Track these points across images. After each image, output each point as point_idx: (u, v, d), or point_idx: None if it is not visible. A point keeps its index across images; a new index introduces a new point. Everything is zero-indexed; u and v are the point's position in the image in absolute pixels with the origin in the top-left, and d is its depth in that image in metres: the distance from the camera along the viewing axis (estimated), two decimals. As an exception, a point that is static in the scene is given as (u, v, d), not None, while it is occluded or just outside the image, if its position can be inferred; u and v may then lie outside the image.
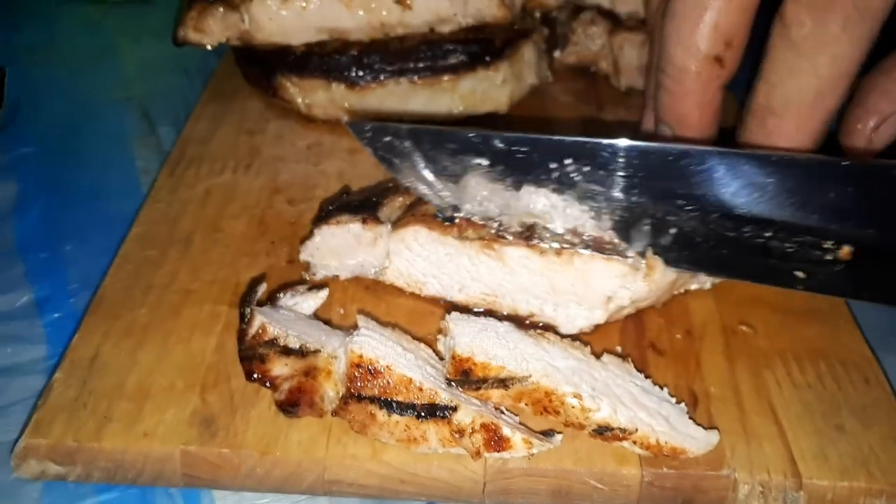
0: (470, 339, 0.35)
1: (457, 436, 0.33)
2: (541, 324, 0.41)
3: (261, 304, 0.39)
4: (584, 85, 0.65)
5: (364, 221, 0.41)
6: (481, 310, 0.41)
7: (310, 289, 0.41)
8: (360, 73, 0.54)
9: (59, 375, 0.38)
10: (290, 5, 0.52)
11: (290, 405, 0.35)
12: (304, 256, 0.43)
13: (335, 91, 0.55)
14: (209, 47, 0.55)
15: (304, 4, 0.52)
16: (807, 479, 0.35)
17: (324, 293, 0.41)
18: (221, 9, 0.53)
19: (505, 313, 0.41)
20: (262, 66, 0.57)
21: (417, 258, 0.41)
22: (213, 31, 0.54)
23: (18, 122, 0.62)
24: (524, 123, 0.58)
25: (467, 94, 0.56)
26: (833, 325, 0.43)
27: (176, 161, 0.54)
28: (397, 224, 0.41)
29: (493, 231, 0.39)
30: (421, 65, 0.54)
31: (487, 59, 0.55)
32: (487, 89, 0.56)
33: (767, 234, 0.36)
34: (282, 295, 0.40)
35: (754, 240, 0.36)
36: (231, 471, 0.35)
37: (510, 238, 0.39)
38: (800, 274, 0.37)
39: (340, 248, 0.42)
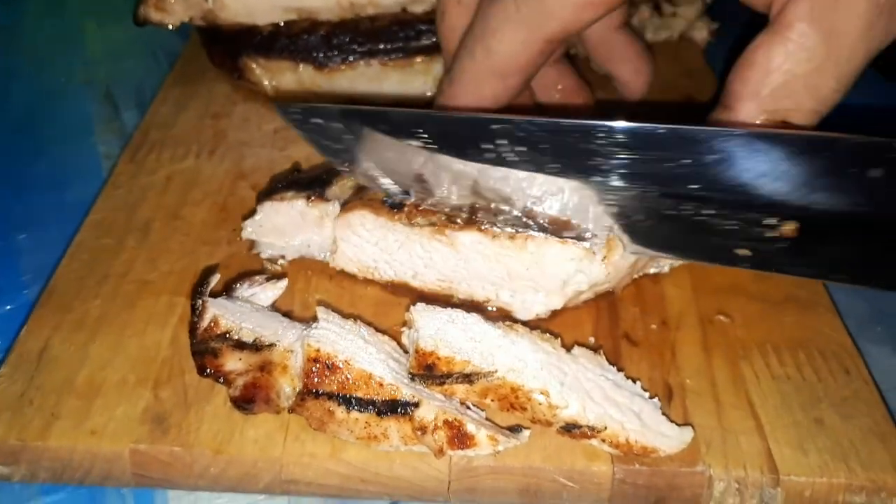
0: (434, 331, 0.34)
1: (419, 433, 0.32)
2: (495, 309, 0.39)
3: (216, 294, 0.37)
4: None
5: (309, 198, 0.40)
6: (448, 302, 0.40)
7: (268, 279, 0.39)
8: (329, 54, 0.53)
9: (5, 370, 0.37)
10: (254, -17, 0.50)
11: (245, 402, 0.33)
12: (246, 234, 0.42)
13: (303, 73, 0.53)
14: (171, 27, 0.53)
15: (270, -19, 0.50)
16: (784, 475, 0.34)
17: (282, 283, 0.39)
18: (183, -13, 0.51)
19: (460, 299, 0.39)
20: (228, 46, 0.55)
21: (366, 244, 0.39)
22: (175, 10, 0.52)
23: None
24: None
25: (440, 76, 0.54)
26: (813, 314, 0.42)
27: (137, 146, 0.52)
28: (344, 208, 0.39)
29: (443, 217, 0.38)
30: (393, 45, 0.52)
31: (461, 39, 0.53)
32: (461, 71, 0.54)
33: (707, 212, 0.35)
34: (238, 285, 0.38)
35: (693, 218, 0.35)
36: (184, 470, 0.34)
37: (461, 223, 0.37)
38: (744, 252, 0.36)
39: (285, 226, 0.41)
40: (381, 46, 0.52)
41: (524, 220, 0.37)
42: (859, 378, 0.39)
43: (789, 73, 0.38)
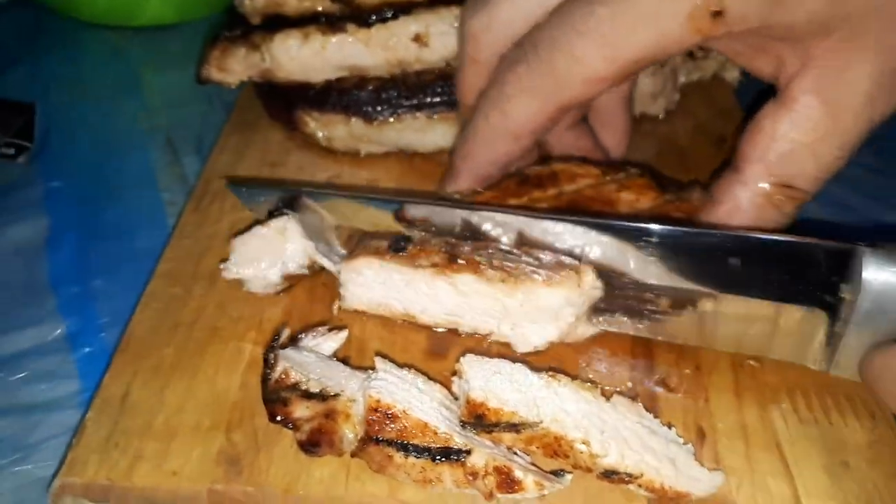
0: (483, 382, 0.37)
1: (470, 478, 0.35)
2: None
3: (284, 346, 0.41)
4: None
5: (264, 221, 0.45)
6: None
7: (330, 329, 0.43)
8: (379, 109, 0.56)
9: (91, 415, 0.40)
10: (310, 45, 0.53)
11: (312, 445, 0.36)
12: (229, 274, 0.45)
13: (354, 125, 0.57)
14: (232, 86, 0.57)
15: (323, 44, 0.53)
16: (811, 516, 0.36)
17: (343, 334, 0.43)
18: (244, 49, 0.55)
19: (466, 332, 0.43)
20: (283, 100, 0.58)
21: (374, 284, 0.43)
22: (235, 70, 0.56)
23: (47, 155, 0.64)
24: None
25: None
26: (840, 359, 0.44)
27: (200, 195, 0.56)
28: (350, 256, 0.43)
29: (444, 254, 0.41)
30: (438, 99, 0.55)
31: (501, 92, 0.56)
32: (501, 122, 0.57)
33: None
34: (303, 336, 0.42)
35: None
36: (258, 507, 0.37)
37: (462, 262, 0.41)
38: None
39: (256, 254, 0.45)
40: (427, 100, 0.56)
41: (522, 258, 0.41)
42: (884, 422, 0.41)
43: (795, 142, 0.40)
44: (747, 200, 0.42)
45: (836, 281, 0.38)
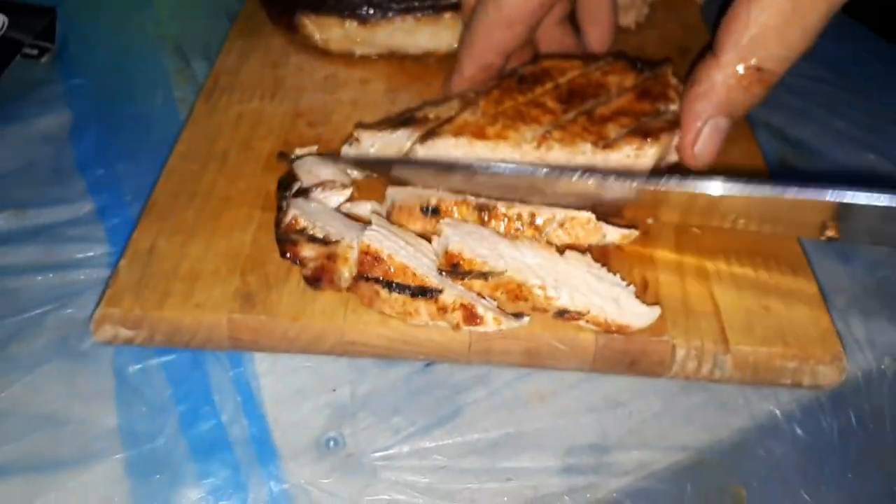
0: (460, 238, 0.43)
1: (441, 312, 0.42)
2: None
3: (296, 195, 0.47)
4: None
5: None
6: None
7: (338, 186, 0.49)
8: (371, 11, 0.61)
9: (124, 262, 0.47)
10: (308, -49, 0.58)
11: (315, 280, 0.43)
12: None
13: (348, 27, 0.62)
14: (238, -12, 0.62)
15: (321, -48, 0.58)
16: (733, 345, 0.43)
17: (347, 191, 0.49)
18: (247, -46, 0.60)
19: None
20: (283, 5, 0.64)
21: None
22: (240, -25, 0.61)
23: (67, 57, 0.69)
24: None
25: (467, 31, 0.62)
26: (772, 230, 0.51)
27: (210, 90, 0.61)
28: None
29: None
30: (425, 3, 0.61)
31: (484, -1, 0.61)
32: (484, 26, 0.63)
33: None
34: (314, 189, 0.48)
35: None
36: (268, 334, 0.44)
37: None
38: None
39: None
40: (415, 3, 0.61)
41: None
42: (804, 278, 0.48)
43: (764, 27, 0.46)
44: (721, 82, 0.48)
45: None
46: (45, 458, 0.41)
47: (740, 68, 0.47)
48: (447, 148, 0.47)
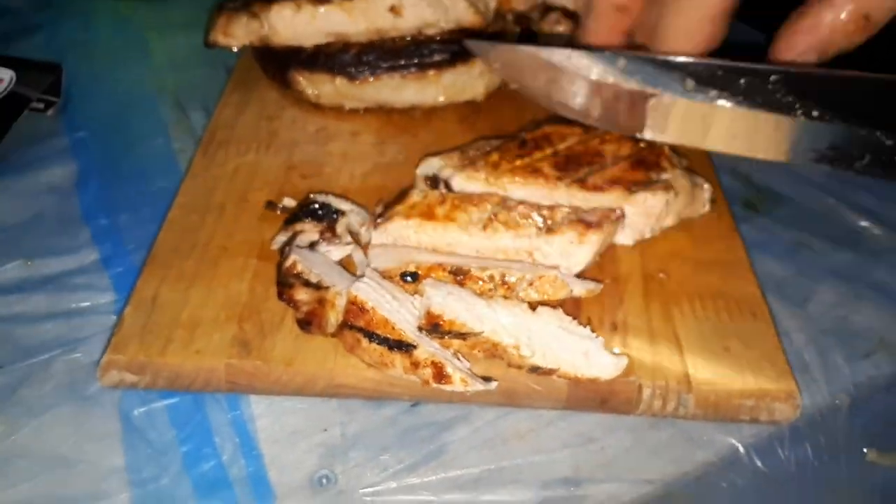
0: (442, 300, 0.46)
1: (414, 367, 0.45)
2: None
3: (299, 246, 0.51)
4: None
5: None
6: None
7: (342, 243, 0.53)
8: (360, 69, 0.65)
9: (129, 310, 0.50)
10: (301, 15, 0.63)
11: (305, 323, 0.47)
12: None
13: (339, 84, 0.66)
14: (235, 49, 0.66)
15: (313, 14, 0.63)
16: (695, 385, 0.47)
17: (349, 248, 0.53)
18: (245, 17, 0.64)
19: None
20: (278, 62, 0.68)
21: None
22: (238, 35, 0.65)
23: (71, 109, 0.73)
24: (497, 109, 0.69)
25: (449, 86, 0.67)
26: (733, 273, 0.55)
27: (208, 143, 0.65)
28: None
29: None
30: (410, 62, 0.65)
31: (465, 56, 0.66)
32: (466, 81, 0.67)
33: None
34: (320, 242, 0.52)
35: None
36: (263, 378, 0.47)
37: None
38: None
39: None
40: (401, 62, 0.65)
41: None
42: (763, 321, 0.51)
43: None
44: (828, 23, 0.49)
45: None
46: (55, 497, 0.44)
47: (850, 13, 0.49)
48: (399, 230, 0.51)
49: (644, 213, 0.54)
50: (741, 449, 0.49)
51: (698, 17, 0.48)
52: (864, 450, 0.54)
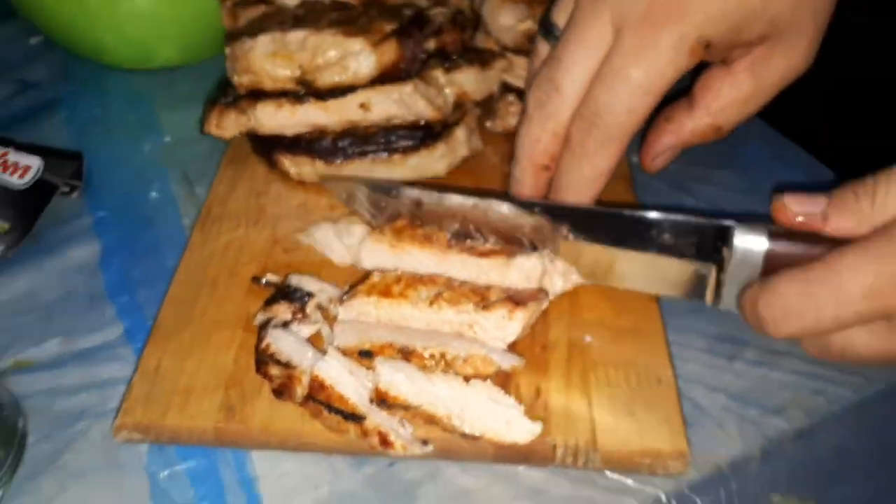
0: (389, 377, 0.55)
1: (364, 434, 0.54)
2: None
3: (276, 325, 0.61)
4: (510, 148, 0.84)
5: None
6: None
7: (311, 322, 0.63)
8: (335, 154, 0.75)
9: (136, 380, 0.60)
10: (283, 112, 0.72)
11: (279, 393, 0.57)
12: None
13: (318, 165, 0.76)
14: (226, 139, 0.76)
15: (293, 111, 0.73)
16: (601, 445, 0.56)
17: (317, 327, 0.63)
18: (234, 113, 0.74)
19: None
20: (265, 145, 0.78)
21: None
22: (228, 127, 0.75)
23: (92, 190, 0.82)
24: (457, 180, 0.79)
25: (414, 167, 0.76)
26: (648, 342, 0.63)
27: (204, 218, 0.75)
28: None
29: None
30: (378, 148, 0.75)
31: (428, 142, 0.75)
32: (429, 163, 0.76)
33: None
34: (293, 322, 0.62)
35: None
36: (245, 438, 0.57)
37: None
38: None
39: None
40: (371, 148, 0.75)
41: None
42: (667, 387, 0.60)
43: (730, 99, 0.64)
44: (689, 128, 0.66)
45: (720, 245, 0.59)
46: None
47: (705, 123, 0.65)
48: (362, 306, 0.61)
49: (525, 278, 0.63)
50: (663, 497, 0.57)
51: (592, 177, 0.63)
52: (770, 495, 0.62)
